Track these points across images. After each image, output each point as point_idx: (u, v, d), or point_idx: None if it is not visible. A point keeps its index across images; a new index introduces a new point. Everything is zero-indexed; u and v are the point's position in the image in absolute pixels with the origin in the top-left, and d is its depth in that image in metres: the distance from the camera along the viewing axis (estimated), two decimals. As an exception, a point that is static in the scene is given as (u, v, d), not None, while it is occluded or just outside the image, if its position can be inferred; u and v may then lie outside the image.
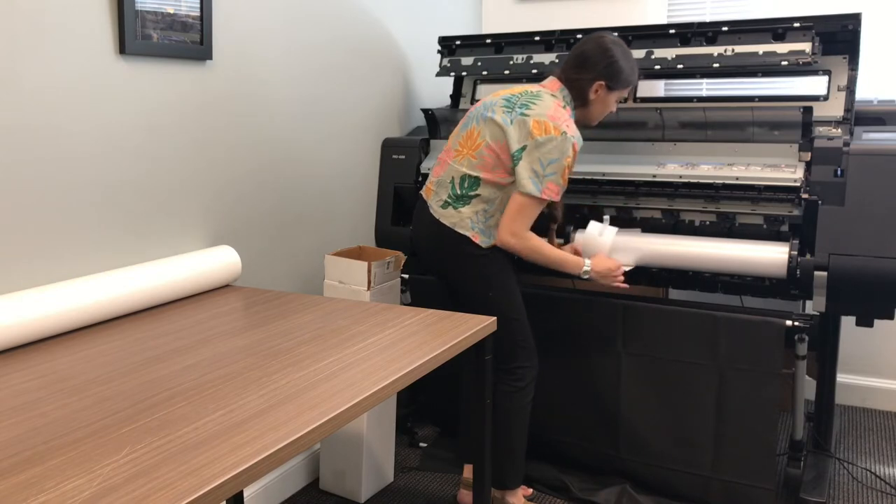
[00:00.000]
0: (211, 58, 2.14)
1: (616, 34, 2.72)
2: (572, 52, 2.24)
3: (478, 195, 2.16)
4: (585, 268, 2.21)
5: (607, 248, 2.34)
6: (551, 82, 2.24)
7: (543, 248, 2.16)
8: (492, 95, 2.28)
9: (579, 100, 2.22)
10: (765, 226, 2.38)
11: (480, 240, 2.19)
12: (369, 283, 2.40)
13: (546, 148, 2.09)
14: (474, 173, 2.16)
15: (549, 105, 2.14)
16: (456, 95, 3.14)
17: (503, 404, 2.27)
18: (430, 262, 2.30)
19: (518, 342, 2.25)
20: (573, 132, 2.13)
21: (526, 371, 2.27)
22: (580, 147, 2.17)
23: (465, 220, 2.17)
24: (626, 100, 2.79)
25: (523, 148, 2.11)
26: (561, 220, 2.47)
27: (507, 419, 2.27)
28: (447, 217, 2.20)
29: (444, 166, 2.27)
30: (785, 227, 2.35)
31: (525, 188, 2.10)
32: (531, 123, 2.10)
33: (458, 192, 2.18)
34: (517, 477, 2.31)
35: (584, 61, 2.19)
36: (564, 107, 2.18)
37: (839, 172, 2.23)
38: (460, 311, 2.25)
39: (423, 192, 2.32)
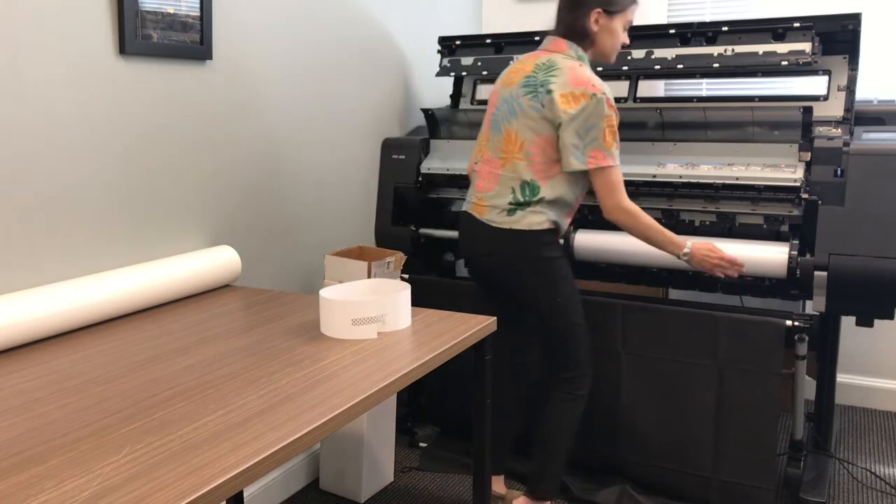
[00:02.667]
0: (211, 58, 2.14)
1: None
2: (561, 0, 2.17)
3: (541, 198, 2.09)
4: (686, 249, 2.12)
5: None
6: (555, 43, 2.14)
7: (648, 228, 2.09)
8: (501, 85, 2.20)
9: (586, 40, 2.13)
10: (765, 226, 2.38)
11: (557, 218, 2.12)
12: (369, 283, 2.40)
13: (579, 120, 2.02)
14: (529, 178, 2.09)
15: (567, 71, 2.05)
16: (456, 95, 3.14)
17: (559, 416, 2.20)
18: (492, 274, 2.19)
19: (582, 347, 2.19)
20: (601, 88, 2.04)
21: (587, 379, 2.22)
22: (612, 96, 2.09)
23: (539, 215, 2.09)
24: (625, 99, 2.79)
25: (558, 126, 2.04)
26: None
27: (563, 428, 2.21)
28: (519, 220, 2.10)
29: (491, 178, 2.17)
30: (785, 227, 2.35)
31: (571, 167, 2.05)
32: (558, 100, 2.03)
33: (521, 199, 2.10)
34: (558, 486, 2.25)
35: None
36: (581, 65, 2.09)
37: (839, 172, 2.23)
38: (515, 320, 2.25)
39: (470, 210, 2.22)
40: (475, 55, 2.95)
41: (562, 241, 2.17)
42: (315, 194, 2.63)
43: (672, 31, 2.63)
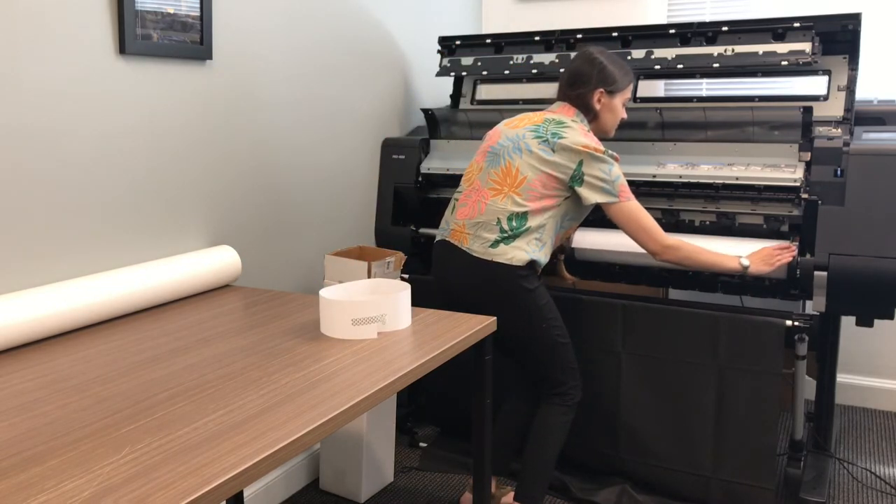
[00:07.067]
0: (211, 58, 2.14)
1: (616, 34, 2.74)
2: (564, 75, 2.24)
3: (528, 228, 2.11)
4: (743, 261, 2.16)
5: None
6: (564, 108, 2.22)
7: (698, 254, 2.15)
8: (505, 126, 2.23)
9: (590, 114, 2.22)
10: (765, 226, 2.38)
11: (538, 256, 2.14)
12: (369, 283, 2.40)
13: (600, 161, 2.09)
14: (522, 209, 2.11)
15: (577, 131, 2.13)
16: (456, 95, 3.14)
17: (550, 421, 2.24)
18: (474, 305, 2.19)
19: (569, 364, 2.24)
20: (612, 154, 2.14)
21: (577, 389, 2.26)
22: None
23: (521, 251, 2.11)
24: (626, 100, 2.80)
25: (580, 165, 2.09)
26: (569, 250, 2.49)
27: (551, 435, 2.24)
28: (502, 254, 2.11)
29: (476, 207, 2.17)
30: (785, 227, 2.35)
31: (603, 199, 2.10)
32: (573, 147, 2.09)
33: (509, 230, 2.12)
34: (544, 492, 2.27)
35: (576, 77, 2.20)
36: (588, 130, 2.18)
37: (839, 172, 2.23)
38: (506, 349, 2.25)
39: (448, 238, 2.22)
40: (475, 55, 2.95)
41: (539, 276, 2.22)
42: (315, 194, 2.63)
43: (672, 31, 2.63)
